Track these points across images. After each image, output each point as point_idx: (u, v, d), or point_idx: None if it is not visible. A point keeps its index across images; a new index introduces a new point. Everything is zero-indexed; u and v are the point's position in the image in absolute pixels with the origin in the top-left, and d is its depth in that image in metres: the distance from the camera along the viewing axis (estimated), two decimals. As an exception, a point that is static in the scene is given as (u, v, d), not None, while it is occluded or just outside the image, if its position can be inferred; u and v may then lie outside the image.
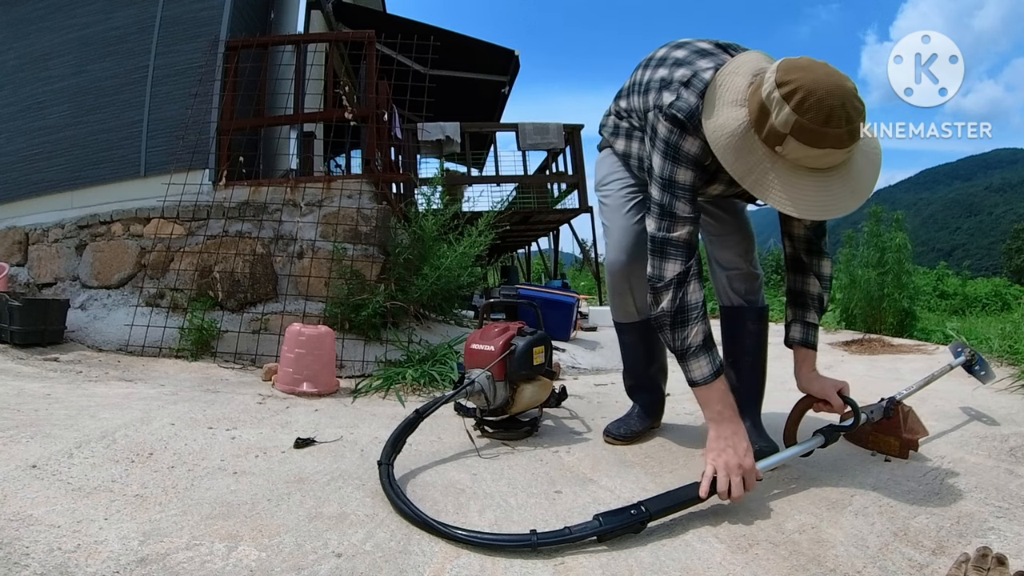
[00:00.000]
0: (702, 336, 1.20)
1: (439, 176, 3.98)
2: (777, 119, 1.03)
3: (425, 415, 1.41)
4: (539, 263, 13.03)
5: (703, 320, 1.21)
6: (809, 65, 1.04)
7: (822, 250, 1.35)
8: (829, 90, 1.00)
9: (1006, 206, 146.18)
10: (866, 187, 1.09)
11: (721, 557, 0.96)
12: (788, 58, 1.09)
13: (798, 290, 1.37)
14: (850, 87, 1.03)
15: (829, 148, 1.02)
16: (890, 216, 5.35)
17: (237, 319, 2.99)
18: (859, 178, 1.08)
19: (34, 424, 1.55)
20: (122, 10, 3.83)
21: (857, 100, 1.02)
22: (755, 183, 1.08)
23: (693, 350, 1.20)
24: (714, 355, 1.21)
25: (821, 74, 1.02)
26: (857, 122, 1.02)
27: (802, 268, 1.36)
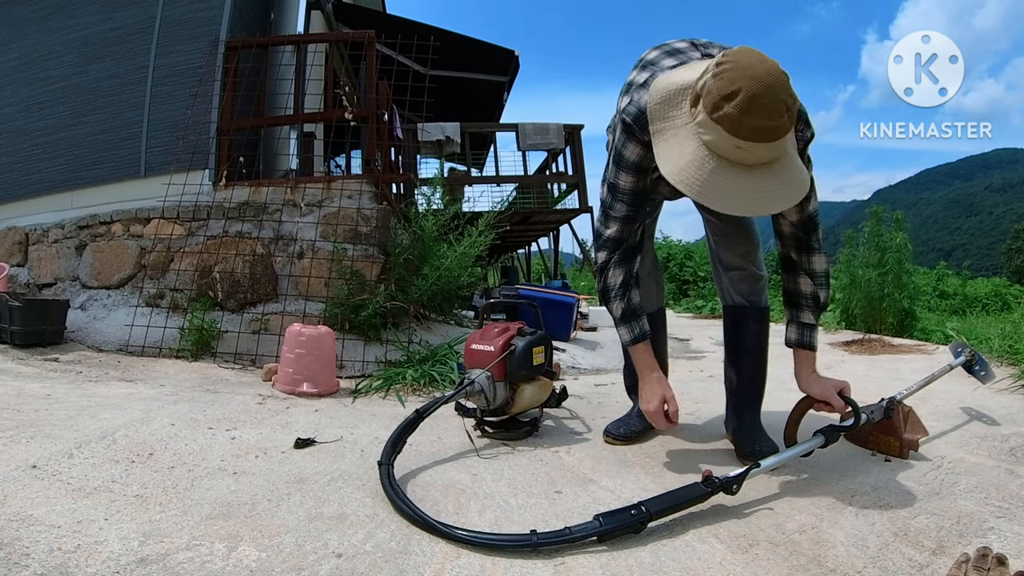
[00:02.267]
0: (620, 311, 1.41)
1: (439, 176, 3.98)
2: (706, 104, 1.04)
3: (425, 415, 1.41)
4: (539, 263, 13.04)
5: (622, 299, 1.40)
6: (747, 59, 1.03)
7: (812, 247, 1.33)
8: (759, 75, 1.00)
9: (1006, 206, 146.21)
10: (795, 190, 1.09)
11: (721, 557, 0.96)
12: (731, 49, 1.08)
13: (791, 290, 1.38)
14: (780, 83, 1.01)
15: (755, 141, 1.01)
16: (890, 216, 5.34)
17: (237, 319, 2.99)
18: (789, 179, 1.08)
19: (34, 424, 1.55)
20: (122, 10, 3.83)
21: (787, 96, 1.01)
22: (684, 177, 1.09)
23: (617, 319, 1.43)
24: (634, 325, 1.41)
25: (757, 67, 1.01)
26: (779, 120, 1.01)
27: (793, 267, 1.37)
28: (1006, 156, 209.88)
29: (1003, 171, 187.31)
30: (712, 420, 1.89)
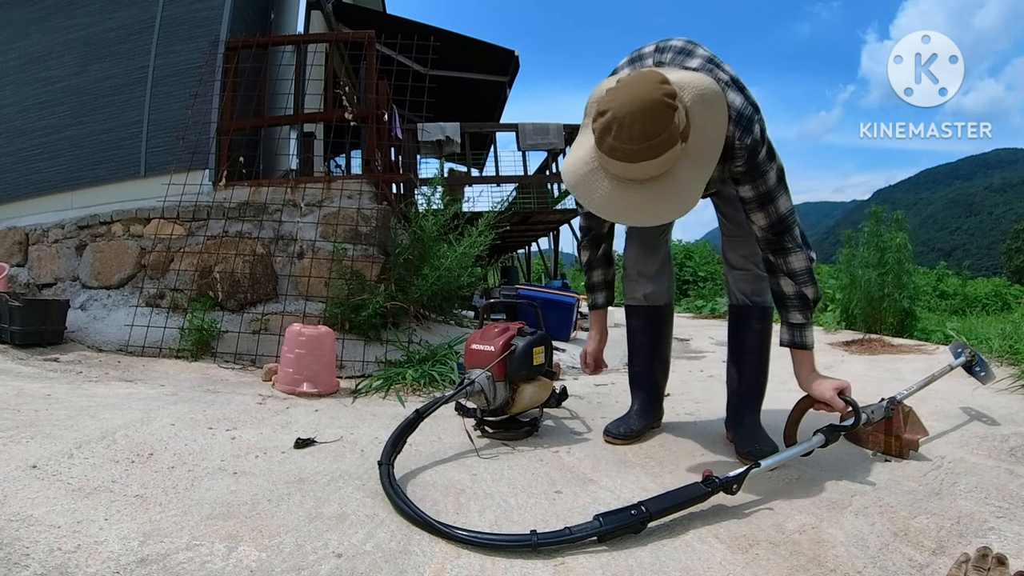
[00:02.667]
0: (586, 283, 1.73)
1: (439, 176, 3.98)
2: (591, 115, 1.15)
3: (425, 415, 1.41)
4: (539, 263, 13.04)
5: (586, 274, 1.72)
6: (630, 82, 1.10)
7: (786, 247, 1.32)
8: (625, 99, 1.07)
9: (1006, 206, 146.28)
10: (668, 209, 1.14)
11: (721, 557, 0.96)
12: (636, 72, 1.17)
13: (776, 291, 1.39)
14: (646, 105, 1.05)
15: (615, 159, 1.08)
16: (890, 216, 5.33)
17: (237, 319, 2.99)
18: (662, 197, 1.12)
19: (34, 424, 1.55)
20: (122, 10, 3.83)
21: (651, 124, 1.04)
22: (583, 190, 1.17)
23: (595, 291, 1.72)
24: (592, 297, 1.73)
25: (631, 93, 1.07)
26: (639, 144, 1.05)
27: (772, 269, 1.38)
28: (1006, 156, 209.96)
29: (1003, 171, 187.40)
30: (712, 420, 1.89)
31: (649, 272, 1.70)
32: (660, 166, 1.08)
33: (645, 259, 1.69)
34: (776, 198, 1.30)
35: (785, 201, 1.31)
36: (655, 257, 1.68)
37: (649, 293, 1.70)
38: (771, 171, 1.28)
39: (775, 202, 1.30)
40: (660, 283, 1.69)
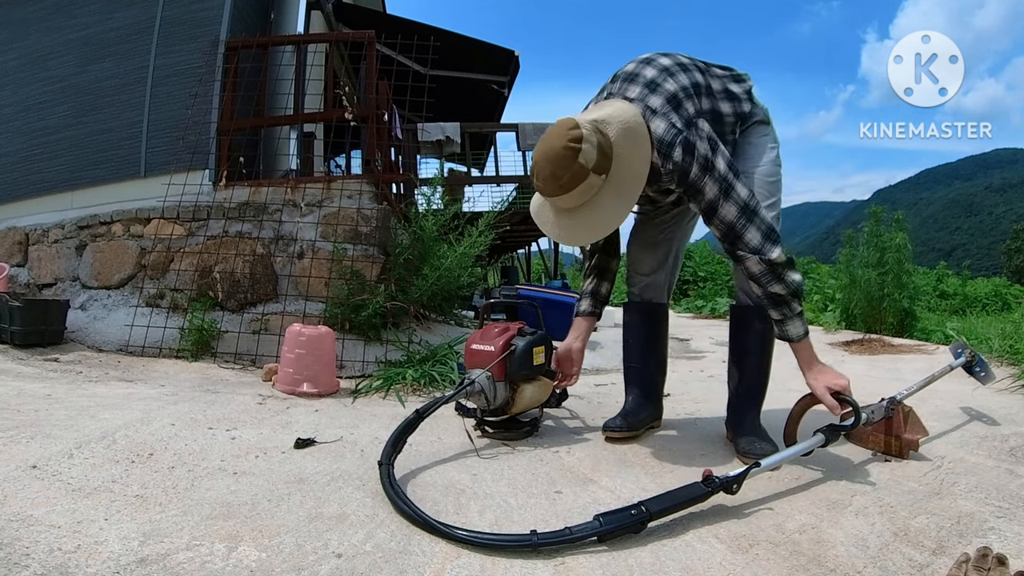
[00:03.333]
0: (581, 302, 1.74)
1: (439, 176, 3.98)
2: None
3: (425, 415, 1.41)
4: (539, 263, 13.04)
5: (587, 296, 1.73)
6: (553, 131, 1.29)
7: (738, 254, 1.37)
8: (540, 149, 1.30)
9: (1006, 206, 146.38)
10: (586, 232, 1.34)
11: (721, 557, 0.96)
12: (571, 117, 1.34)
13: (752, 292, 1.45)
14: (552, 153, 1.26)
15: (543, 195, 1.34)
16: (890, 216, 5.33)
17: (237, 319, 2.99)
18: (568, 225, 1.34)
19: (34, 424, 1.55)
20: (122, 10, 3.83)
21: (552, 164, 1.26)
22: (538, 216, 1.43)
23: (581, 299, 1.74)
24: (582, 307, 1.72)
25: (546, 140, 1.29)
26: (547, 184, 1.28)
27: (738, 275, 1.51)
28: (1006, 156, 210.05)
29: (1003, 171, 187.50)
30: (712, 420, 1.89)
31: (644, 269, 1.73)
32: (578, 198, 1.28)
33: (642, 256, 1.74)
34: (718, 210, 1.33)
35: (730, 210, 1.33)
36: (652, 255, 1.72)
37: (643, 289, 1.74)
38: (707, 187, 1.32)
39: (718, 213, 1.34)
40: (656, 281, 1.73)
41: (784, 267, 1.35)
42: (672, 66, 1.43)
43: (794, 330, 1.38)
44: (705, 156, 1.31)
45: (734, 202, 1.33)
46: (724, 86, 1.51)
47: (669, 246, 1.73)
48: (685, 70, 1.43)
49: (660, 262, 1.72)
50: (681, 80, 1.39)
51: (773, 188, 1.53)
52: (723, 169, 1.32)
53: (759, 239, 1.34)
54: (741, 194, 1.33)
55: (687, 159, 1.30)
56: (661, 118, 1.33)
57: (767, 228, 1.35)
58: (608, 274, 1.73)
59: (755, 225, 1.34)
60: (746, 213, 1.33)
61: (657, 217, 1.72)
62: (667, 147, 1.31)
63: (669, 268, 1.75)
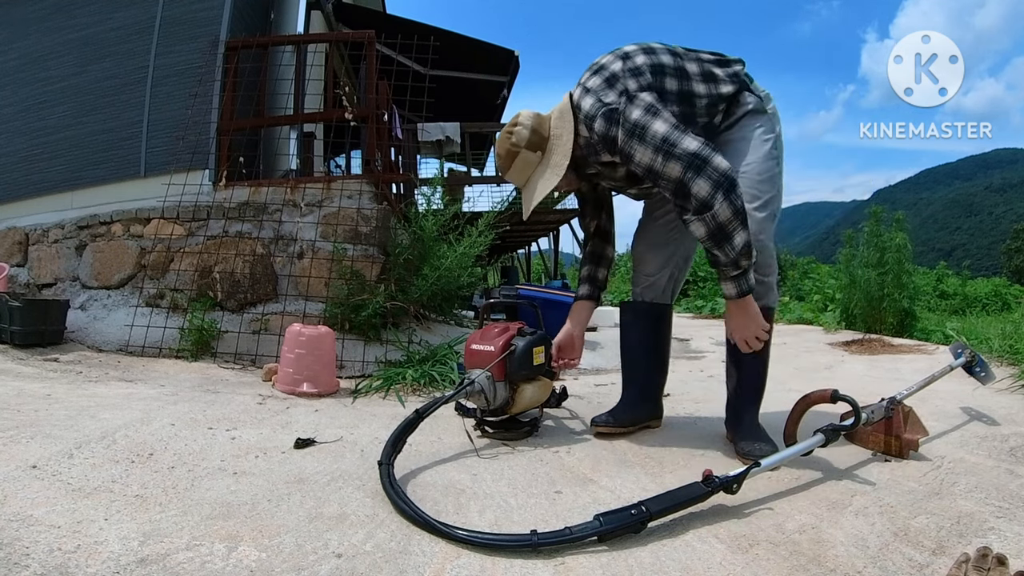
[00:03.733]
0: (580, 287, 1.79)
1: (439, 176, 3.97)
2: None
3: (425, 415, 1.41)
4: (539, 263, 13.04)
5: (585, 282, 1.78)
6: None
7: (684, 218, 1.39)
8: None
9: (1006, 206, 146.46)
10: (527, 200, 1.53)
11: (721, 557, 0.96)
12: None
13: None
14: (497, 143, 1.54)
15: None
16: (890, 216, 5.33)
17: (237, 319, 2.99)
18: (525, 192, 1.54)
19: (34, 424, 1.55)
20: (122, 10, 3.83)
21: (497, 147, 1.54)
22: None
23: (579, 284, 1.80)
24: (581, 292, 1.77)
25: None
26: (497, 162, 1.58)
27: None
28: (1006, 156, 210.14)
29: (1003, 171, 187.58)
30: (712, 420, 1.89)
31: (648, 269, 1.73)
32: (519, 173, 1.52)
33: (646, 256, 1.73)
34: (661, 171, 1.34)
35: (673, 168, 1.32)
36: (656, 255, 1.71)
37: (645, 289, 1.73)
38: (638, 150, 1.35)
39: (662, 175, 1.35)
40: (658, 281, 1.72)
41: (732, 228, 1.30)
42: (633, 51, 1.46)
43: (726, 290, 1.40)
44: (635, 122, 1.35)
45: (677, 158, 1.31)
46: (703, 69, 1.51)
47: (675, 247, 1.71)
48: (648, 53, 1.46)
49: (664, 263, 1.71)
50: (634, 62, 1.43)
51: (765, 186, 1.50)
52: (661, 130, 1.33)
53: (707, 188, 1.29)
54: (687, 148, 1.31)
55: (611, 128, 1.38)
56: (590, 95, 1.43)
57: (719, 176, 1.29)
58: (604, 260, 1.77)
59: (702, 175, 1.30)
60: (694, 165, 1.30)
61: (662, 217, 1.71)
62: (591, 120, 1.42)
63: (674, 269, 1.73)
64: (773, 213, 1.52)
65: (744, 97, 1.54)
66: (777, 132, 1.57)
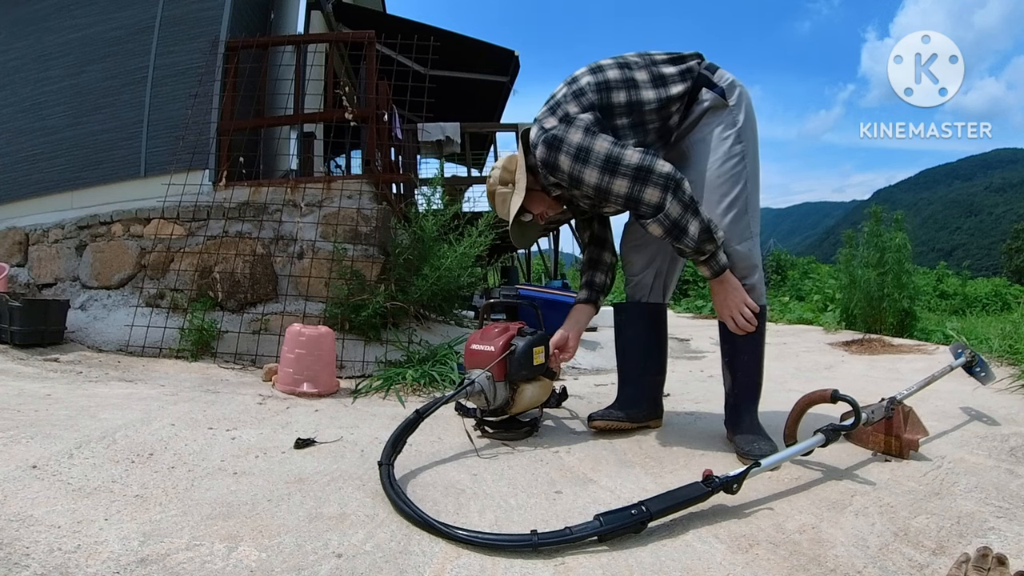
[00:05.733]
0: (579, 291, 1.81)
1: (439, 176, 3.98)
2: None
3: (425, 415, 1.41)
4: (539, 263, 13.03)
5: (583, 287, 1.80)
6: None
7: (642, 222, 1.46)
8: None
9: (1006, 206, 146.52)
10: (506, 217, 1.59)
11: (722, 557, 0.96)
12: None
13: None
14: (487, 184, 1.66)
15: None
16: (890, 216, 5.33)
17: (237, 319, 2.99)
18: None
19: (34, 424, 1.55)
20: (122, 11, 3.83)
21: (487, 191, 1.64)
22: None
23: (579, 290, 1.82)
24: (580, 296, 1.79)
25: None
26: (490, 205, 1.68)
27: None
28: (1006, 156, 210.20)
29: (1003, 171, 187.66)
30: (712, 420, 1.89)
31: (632, 270, 1.76)
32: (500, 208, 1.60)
33: (630, 257, 1.76)
34: (609, 189, 1.39)
35: (621, 184, 1.38)
36: (639, 256, 1.74)
37: (633, 289, 1.76)
38: (586, 173, 1.39)
39: (612, 192, 1.39)
40: (644, 281, 1.74)
41: (685, 220, 1.37)
42: (580, 73, 1.51)
43: (702, 271, 1.48)
44: (578, 146, 1.38)
45: (623, 174, 1.37)
46: (653, 73, 1.50)
47: (658, 246, 1.71)
48: (594, 72, 1.49)
49: (647, 262, 1.73)
50: (578, 84, 1.47)
51: (727, 187, 1.49)
52: (604, 150, 1.38)
53: (656, 195, 1.37)
54: (631, 162, 1.37)
55: (551, 154, 1.42)
56: (535, 125, 1.49)
57: (664, 180, 1.36)
58: (602, 265, 1.79)
59: (649, 183, 1.36)
60: (639, 178, 1.36)
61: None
62: (534, 148, 1.47)
63: (659, 268, 1.74)
64: (742, 210, 1.49)
65: (701, 94, 1.52)
66: (739, 125, 1.51)
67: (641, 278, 1.74)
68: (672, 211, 1.37)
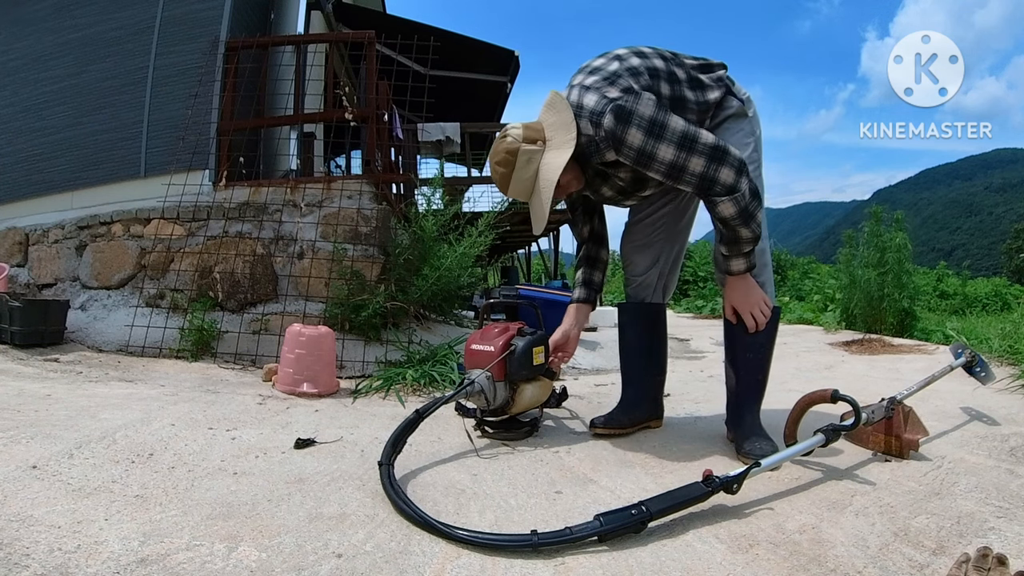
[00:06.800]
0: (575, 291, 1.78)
1: (439, 176, 3.97)
2: None
3: (425, 415, 1.41)
4: (539, 263, 13.04)
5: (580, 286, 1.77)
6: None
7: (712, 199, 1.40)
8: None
9: (1006, 206, 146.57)
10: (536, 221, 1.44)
11: (722, 557, 0.96)
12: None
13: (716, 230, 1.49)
14: (491, 161, 1.45)
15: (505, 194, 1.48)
16: (890, 216, 5.33)
17: (237, 320, 2.99)
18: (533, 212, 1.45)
19: (34, 424, 1.55)
20: (122, 11, 3.83)
21: (492, 169, 1.45)
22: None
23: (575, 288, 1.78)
24: (577, 295, 1.76)
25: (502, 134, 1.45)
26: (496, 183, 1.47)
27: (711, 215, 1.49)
28: (1006, 156, 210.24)
29: (1003, 171, 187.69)
30: (712, 420, 1.89)
31: (636, 271, 1.75)
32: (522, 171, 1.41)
33: (633, 258, 1.75)
34: (685, 166, 1.34)
35: (697, 162, 1.34)
36: (642, 256, 1.73)
37: (636, 290, 1.75)
38: (660, 149, 1.33)
39: (687, 170, 1.35)
40: (648, 281, 1.74)
41: (754, 206, 1.37)
42: (625, 54, 1.45)
43: (736, 266, 1.45)
44: (651, 119, 1.32)
45: (700, 152, 1.33)
46: (690, 75, 1.51)
47: (661, 247, 1.73)
48: (641, 56, 1.45)
49: (652, 263, 1.73)
50: (629, 63, 1.42)
51: None
52: (679, 126, 1.33)
53: (731, 176, 1.35)
54: (707, 141, 1.34)
55: (621, 126, 1.32)
56: (592, 92, 1.36)
57: (738, 163, 1.35)
58: (599, 263, 1.77)
59: (725, 163, 1.34)
60: (716, 157, 1.34)
61: (647, 218, 1.73)
62: (598, 115, 1.34)
63: (663, 269, 1.74)
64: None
65: (728, 101, 1.54)
66: (757, 135, 1.57)
67: (645, 278, 1.74)
68: (747, 193, 1.35)
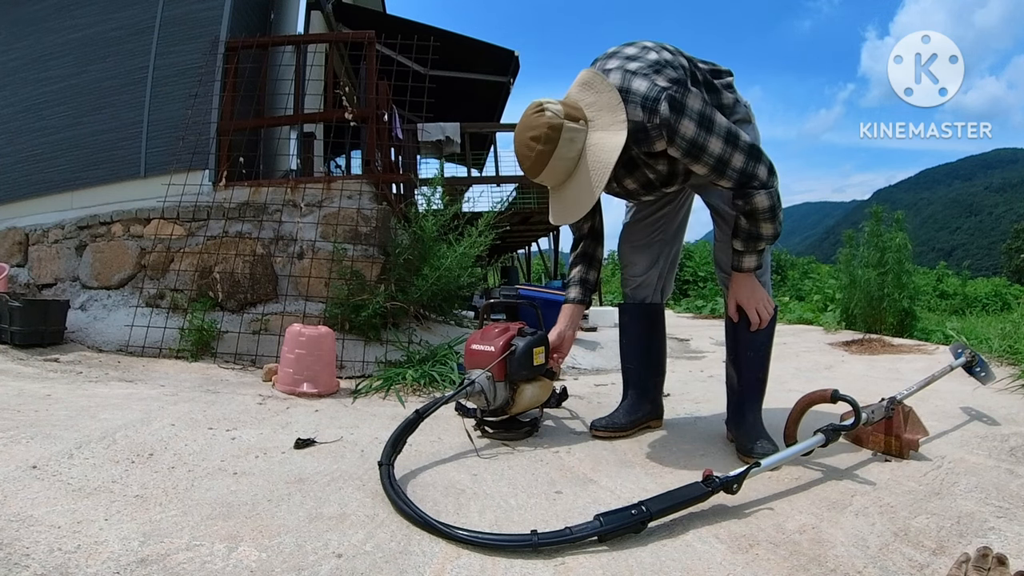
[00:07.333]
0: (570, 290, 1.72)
1: (439, 176, 3.97)
2: None
3: (425, 416, 1.41)
4: (539, 263, 13.05)
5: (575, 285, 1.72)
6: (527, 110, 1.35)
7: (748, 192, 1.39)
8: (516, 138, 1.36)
9: (1006, 206, 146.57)
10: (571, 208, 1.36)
11: (722, 557, 0.96)
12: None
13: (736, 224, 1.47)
14: (523, 138, 1.33)
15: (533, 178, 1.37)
16: (890, 216, 5.33)
17: (237, 320, 2.99)
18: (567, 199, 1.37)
19: (34, 425, 1.55)
20: (122, 11, 3.83)
21: (524, 146, 1.33)
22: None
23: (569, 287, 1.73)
24: (571, 296, 1.71)
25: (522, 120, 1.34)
26: (523, 161, 1.35)
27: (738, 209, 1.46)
28: (1006, 156, 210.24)
29: (1003, 171, 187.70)
30: (712, 420, 1.89)
31: (635, 271, 1.75)
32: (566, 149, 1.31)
33: (632, 258, 1.76)
34: (729, 161, 1.34)
35: (739, 158, 1.34)
36: (642, 256, 1.74)
37: (635, 290, 1.75)
38: (711, 142, 1.32)
39: (730, 165, 1.35)
40: (647, 281, 1.74)
41: (779, 205, 1.40)
42: (654, 46, 1.45)
43: (748, 263, 1.46)
44: (701, 112, 1.32)
45: (742, 148, 1.34)
46: (705, 77, 1.52)
47: (660, 247, 1.74)
48: (669, 52, 1.45)
49: (651, 263, 1.74)
50: (664, 56, 1.41)
51: None
52: (724, 122, 1.35)
53: (765, 172, 1.37)
54: (746, 139, 1.36)
55: (675, 115, 1.29)
56: (641, 78, 1.32)
57: (768, 162, 1.38)
58: (594, 262, 1.74)
59: (762, 162, 1.37)
60: (753, 154, 1.36)
61: (646, 219, 1.74)
62: (652, 102, 1.29)
63: (662, 269, 1.75)
64: None
65: (737, 107, 1.56)
66: (758, 140, 1.59)
67: (645, 279, 1.74)
68: (776, 192, 1.39)
